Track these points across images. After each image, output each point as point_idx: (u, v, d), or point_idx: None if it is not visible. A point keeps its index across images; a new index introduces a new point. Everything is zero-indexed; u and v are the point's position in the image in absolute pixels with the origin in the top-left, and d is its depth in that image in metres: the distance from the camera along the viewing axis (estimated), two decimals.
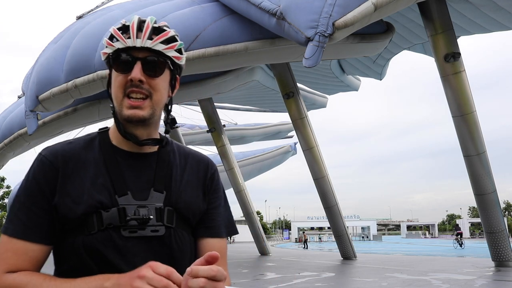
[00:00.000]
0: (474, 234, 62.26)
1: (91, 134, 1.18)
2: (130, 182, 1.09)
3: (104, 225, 1.03)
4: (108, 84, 1.15)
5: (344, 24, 7.58)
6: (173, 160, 1.18)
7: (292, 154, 31.10)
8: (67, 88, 9.92)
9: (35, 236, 1.03)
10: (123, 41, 1.07)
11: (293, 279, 10.50)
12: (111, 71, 1.12)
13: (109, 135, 1.16)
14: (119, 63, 1.08)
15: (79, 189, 1.05)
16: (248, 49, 9.36)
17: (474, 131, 11.18)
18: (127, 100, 1.08)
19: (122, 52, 1.08)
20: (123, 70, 1.08)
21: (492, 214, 11.68)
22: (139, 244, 1.04)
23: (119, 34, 1.08)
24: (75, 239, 1.03)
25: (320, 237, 59.91)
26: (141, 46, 1.07)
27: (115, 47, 1.08)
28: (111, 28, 1.11)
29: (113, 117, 1.13)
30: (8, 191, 40.88)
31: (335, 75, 17.84)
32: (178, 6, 10.19)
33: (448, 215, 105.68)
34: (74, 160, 1.09)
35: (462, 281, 9.74)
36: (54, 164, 1.07)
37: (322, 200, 15.68)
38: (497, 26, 13.31)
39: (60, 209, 1.04)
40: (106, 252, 1.02)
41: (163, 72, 1.11)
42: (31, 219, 1.03)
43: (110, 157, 1.11)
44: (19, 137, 13.79)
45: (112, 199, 1.05)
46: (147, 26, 1.08)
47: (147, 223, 1.05)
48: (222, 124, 19.38)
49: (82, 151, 1.11)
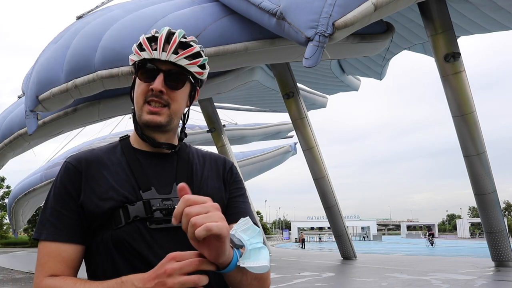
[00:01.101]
0: (474, 234, 62.21)
1: (113, 142, 1.25)
2: (153, 179, 1.15)
3: (131, 218, 1.07)
4: (132, 87, 1.22)
5: (344, 24, 7.58)
6: (192, 159, 1.24)
7: (292, 154, 31.07)
8: (67, 88, 9.92)
9: (67, 237, 1.07)
10: (149, 52, 1.14)
11: (293, 279, 10.51)
12: (136, 77, 1.19)
13: (130, 140, 1.24)
14: (143, 72, 1.16)
15: (104, 186, 1.10)
16: (248, 49, 9.36)
17: (474, 131, 11.18)
18: (147, 106, 1.15)
19: (147, 62, 1.15)
20: (146, 79, 1.15)
21: (492, 214, 11.68)
22: (165, 236, 1.08)
23: (147, 45, 1.15)
24: (103, 235, 1.08)
25: (320, 237, 59.89)
26: (166, 59, 1.14)
27: (142, 57, 1.15)
28: (141, 36, 1.17)
29: (133, 119, 1.20)
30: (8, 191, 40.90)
31: (335, 75, 17.84)
32: (178, 6, 10.19)
33: (448, 215, 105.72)
34: (97, 162, 1.15)
35: (462, 281, 9.75)
36: (78, 168, 1.13)
37: (322, 200, 15.69)
38: (497, 26, 13.31)
39: (86, 206, 1.09)
40: (135, 244, 1.06)
41: (183, 85, 1.18)
42: (61, 221, 1.08)
43: (132, 157, 1.18)
44: (19, 137, 13.78)
45: (137, 194, 1.10)
46: (174, 40, 1.14)
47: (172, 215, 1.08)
48: (222, 124, 19.37)
49: (105, 155, 1.18)
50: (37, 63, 10.94)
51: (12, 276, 14.65)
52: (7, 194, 42.16)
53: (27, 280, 13.01)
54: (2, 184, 47.28)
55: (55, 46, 10.63)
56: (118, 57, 9.28)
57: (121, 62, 9.28)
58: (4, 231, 51.00)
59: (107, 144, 1.25)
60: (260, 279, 1.05)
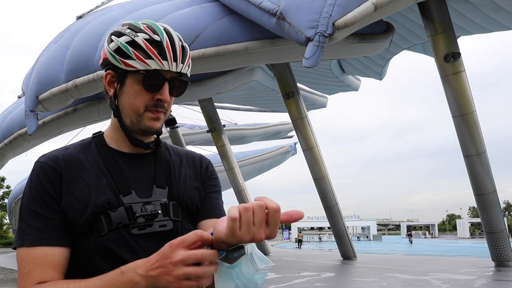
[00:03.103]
0: (474, 234, 62.19)
1: (85, 139, 1.19)
2: (132, 182, 1.11)
3: (114, 225, 1.04)
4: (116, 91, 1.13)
5: (344, 24, 7.58)
6: (169, 158, 1.21)
7: (292, 154, 31.07)
8: (67, 88, 9.92)
9: (54, 240, 1.01)
10: (160, 63, 1.06)
11: (293, 279, 10.51)
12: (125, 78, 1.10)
13: (106, 138, 1.18)
14: (150, 82, 1.08)
15: (85, 191, 1.05)
16: (248, 49, 9.36)
17: (474, 131, 11.18)
18: (149, 113, 1.11)
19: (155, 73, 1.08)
20: (152, 89, 1.09)
21: (492, 214, 11.68)
22: (149, 240, 1.06)
23: (154, 54, 1.06)
24: (85, 243, 1.03)
25: (320, 237, 59.88)
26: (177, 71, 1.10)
27: (150, 67, 1.06)
28: (141, 40, 1.07)
29: (120, 124, 1.14)
30: (8, 191, 40.90)
31: (335, 75, 17.84)
32: (178, 6, 10.19)
33: (448, 215, 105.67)
34: (74, 163, 1.09)
35: (462, 281, 9.75)
36: (56, 168, 1.06)
37: (322, 200, 15.68)
38: (497, 26, 13.31)
39: (68, 212, 1.03)
40: (120, 251, 1.03)
41: (183, 92, 1.16)
42: (46, 224, 1.02)
43: (109, 159, 1.13)
44: (19, 137, 13.78)
45: (118, 199, 1.06)
46: (180, 48, 1.10)
47: (155, 219, 1.07)
48: (222, 124, 19.37)
49: (80, 154, 1.12)
50: (37, 63, 10.95)
51: (12, 276, 14.65)
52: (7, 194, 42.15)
53: None
54: (2, 184, 47.28)
55: (55, 46, 10.63)
56: None
57: None
58: (4, 231, 51.00)
59: (79, 141, 1.18)
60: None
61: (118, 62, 1.09)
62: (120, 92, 1.13)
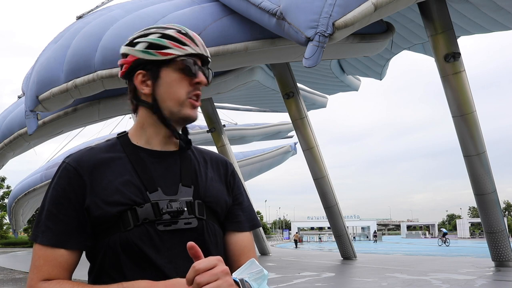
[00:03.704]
0: (474, 234, 62.19)
1: (110, 139, 1.20)
2: (158, 179, 1.12)
3: (140, 220, 1.05)
4: (154, 83, 1.15)
5: (344, 24, 7.58)
6: (194, 158, 1.22)
7: (292, 154, 31.05)
8: (67, 88, 9.92)
9: (62, 243, 1.04)
10: (194, 47, 1.16)
11: (293, 279, 10.51)
12: (158, 71, 1.14)
13: (131, 137, 1.19)
14: (191, 66, 1.15)
15: (109, 189, 1.07)
16: (248, 49, 9.36)
17: (474, 131, 11.18)
18: (190, 100, 1.15)
19: (192, 58, 1.16)
20: (190, 73, 1.15)
21: (492, 214, 11.68)
22: (174, 237, 1.07)
23: (187, 39, 1.15)
24: (110, 237, 1.06)
25: (320, 237, 59.91)
26: (207, 55, 1.19)
27: (187, 51, 1.14)
28: (172, 31, 1.15)
29: (157, 116, 1.15)
30: (8, 191, 40.90)
31: (335, 75, 17.84)
32: (178, 6, 10.19)
33: (448, 215, 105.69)
34: (99, 163, 1.11)
35: (462, 281, 9.75)
36: (79, 170, 1.08)
37: (322, 200, 15.69)
38: (497, 26, 13.31)
39: (92, 211, 1.05)
40: (143, 246, 1.04)
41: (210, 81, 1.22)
42: (58, 225, 1.05)
43: (135, 157, 1.14)
44: (19, 137, 13.78)
45: (144, 196, 1.08)
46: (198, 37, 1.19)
47: (180, 216, 1.09)
48: (222, 124, 19.37)
49: (105, 154, 1.13)
50: (37, 63, 10.94)
51: (12, 276, 14.65)
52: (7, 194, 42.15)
53: (27, 280, 13.01)
54: (2, 184, 47.27)
55: (55, 46, 10.62)
56: (118, 57, 9.26)
57: None
58: (4, 231, 50.99)
59: (105, 141, 1.19)
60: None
61: (154, 55, 1.13)
62: (156, 86, 1.15)
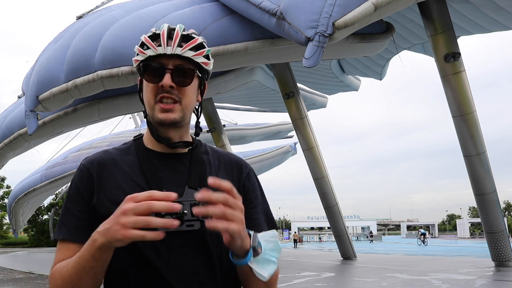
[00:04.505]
0: (474, 234, 62.16)
1: (128, 142, 1.26)
2: (165, 181, 1.14)
3: None
4: (140, 90, 1.21)
5: (344, 24, 7.58)
6: (206, 160, 1.22)
7: (292, 154, 31.03)
8: (67, 88, 9.91)
9: (76, 237, 1.10)
10: (154, 49, 1.13)
11: (293, 279, 10.51)
12: (142, 78, 1.18)
13: (143, 140, 1.23)
14: (150, 72, 1.15)
15: (115, 189, 1.12)
16: (248, 49, 9.35)
17: (474, 131, 11.18)
18: (159, 104, 1.14)
19: (153, 60, 1.14)
20: (154, 79, 1.14)
21: (492, 214, 11.68)
22: (175, 239, 1.07)
23: (150, 42, 1.14)
24: None
25: (320, 237, 59.90)
26: (172, 53, 1.13)
27: (147, 55, 1.14)
28: (142, 36, 1.16)
29: (146, 121, 1.20)
30: (8, 191, 40.87)
31: (335, 75, 17.83)
32: (178, 6, 10.19)
33: (448, 215, 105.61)
34: (110, 164, 1.16)
35: (462, 281, 9.75)
36: (90, 170, 1.15)
37: (322, 200, 15.68)
38: (497, 26, 13.31)
39: (98, 209, 1.11)
40: (143, 247, 1.06)
41: (192, 79, 1.17)
42: (72, 222, 1.12)
43: (145, 159, 1.17)
44: (19, 137, 13.77)
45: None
46: (177, 34, 1.14)
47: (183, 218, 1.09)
48: (222, 124, 19.37)
49: (118, 156, 1.19)
50: (37, 63, 10.94)
51: (12, 276, 14.65)
52: (7, 194, 42.11)
53: (27, 280, 13.01)
54: (2, 184, 47.24)
55: (55, 46, 10.62)
56: (118, 57, 9.27)
57: (121, 62, 9.27)
58: (4, 231, 51.00)
59: (122, 144, 1.26)
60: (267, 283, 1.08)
61: (133, 63, 1.19)
62: (143, 91, 1.19)
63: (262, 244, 1.04)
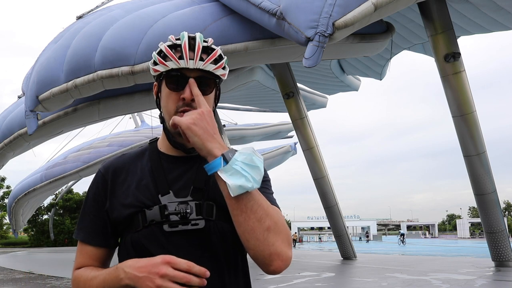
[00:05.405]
0: (474, 234, 62.17)
1: (143, 146, 1.33)
2: (173, 182, 1.20)
3: (148, 222, 1.14)
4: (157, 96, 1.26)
5: (344, 24, 7.57)
6: None
7: (292, 154, 31.02)
8: (67, 88, 9.91)
9: (93, 241, 1.22)
10: (176, 62, 1.16)
11: (293, 279, 10.51)
12: (161, 85, 1.22)
13: (158, 144, 1.30)
14: (172, 82, 1.19)
15: (126, 193, 1.19)
16: (248, 49, 9.35)
17: (474, 131, 11.17)
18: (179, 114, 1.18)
19: (175, 72, 1.17)
20: (175, 88, 1.18)
21: (492, 214, 11.67)
22: (181, 238, 1.13)
23: (171, 54, 1.17)
24: (126, 238, 1.19)
25: (320, 237, 59.91)
26: (194, 68, 1.17)
27: (169, 67, 1.17)
28: (162, 45, 1.19)
29: (163, 127, 1.26)
30: (8, 191, 40.88)
31: (335, 75, 17.82)
32: (178, 6, 10.18)
33: (448, 215, 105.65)
34: (124, 169, 1.24)
35: (462, 281, 9.75)
36: (105, 175, 1.24)
37: (322, 200, 15.68)
38: (497, 26, 13.30)
39: (111, 212, 1.20)
40: (150, 246, 1.13)
41: (212, 90, 1.22)
42: (88, 224, 1.23)
43: (156, 162, 1.24)
44: (19, 137, 13.76)
45: (155, 199, 1.17)
46: (198, 47, 1.17)
47: (188, 218, 1.14)
48: (222, 124, 19.36)
49: (132, 161, 1.27)
50: (37, 63, 10.94)
51: (12, 276, 14.64)
52: (7, 194, 42.12)
53: (27, 280, 13.01)
54: (2, 184, 47.25)
55: (55, 46, 10.62)
56: (118, 57, 9.26)
57: (121, 62, 9.26)
58: (4, 231, 51.02)
59: (139, 148, 1.33)
60: (260, 219, 1.06)
61: (151, 71, 1.22)
62: (160, 98, 1.24)
63: (236, 157, 1.03)
